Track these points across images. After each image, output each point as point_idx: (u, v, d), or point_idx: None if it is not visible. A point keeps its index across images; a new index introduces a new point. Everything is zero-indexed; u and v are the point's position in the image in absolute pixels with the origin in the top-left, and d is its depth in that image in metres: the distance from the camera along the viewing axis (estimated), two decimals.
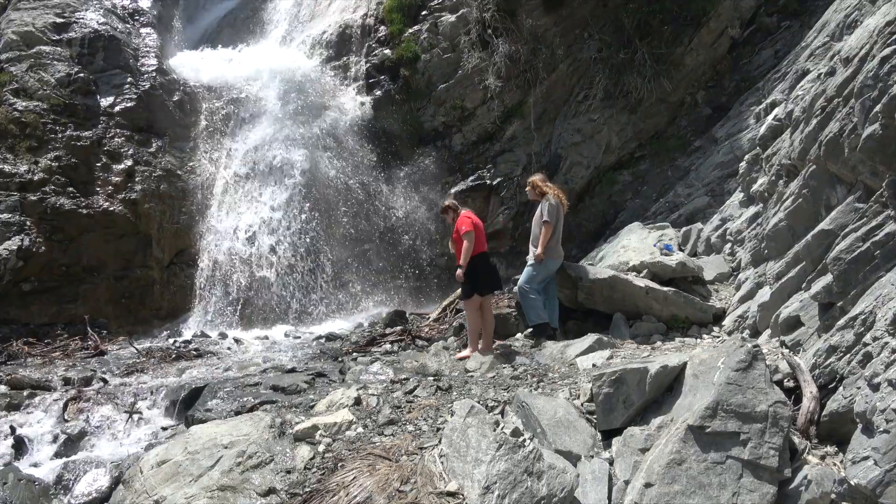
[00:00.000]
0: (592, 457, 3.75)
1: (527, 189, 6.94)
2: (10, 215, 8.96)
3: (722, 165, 9.46)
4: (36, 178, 9.36)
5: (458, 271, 6.23)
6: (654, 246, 7.57)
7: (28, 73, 10.16)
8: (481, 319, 6.42)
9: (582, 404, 4.30)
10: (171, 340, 8.81)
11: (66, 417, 5.45)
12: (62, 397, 5.72)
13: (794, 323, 4.56)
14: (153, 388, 5.92)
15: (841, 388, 3.53)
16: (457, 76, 12.22)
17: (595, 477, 3.53)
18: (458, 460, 3.65)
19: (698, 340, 5.87)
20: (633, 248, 7.69)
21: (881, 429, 2.94)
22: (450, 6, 12.69)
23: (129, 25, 11.92)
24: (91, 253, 9.50)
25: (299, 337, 9.11)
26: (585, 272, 6.77)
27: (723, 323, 6.28)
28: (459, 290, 7.18)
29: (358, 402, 4.86)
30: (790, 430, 3.44)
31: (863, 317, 3.57)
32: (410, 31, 12.59)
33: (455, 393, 5.02)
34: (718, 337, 5.97)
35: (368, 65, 12.63)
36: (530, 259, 6.65)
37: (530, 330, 6.63)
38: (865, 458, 2.96)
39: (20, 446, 4.97)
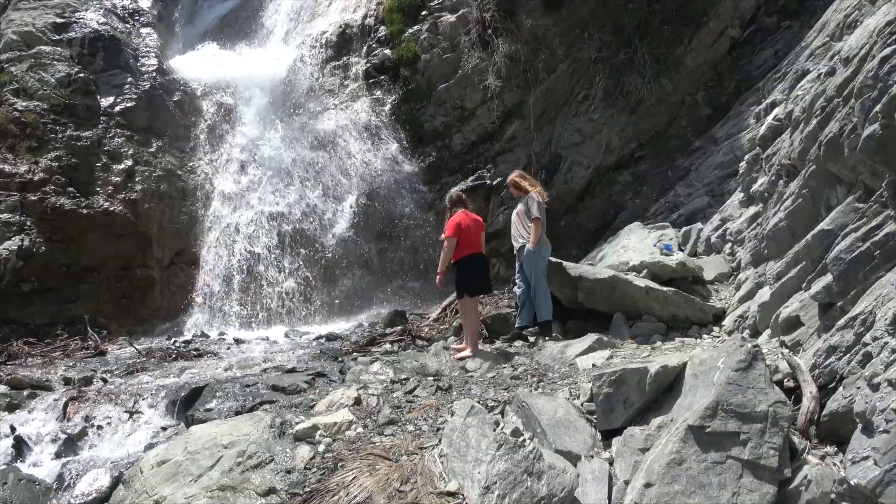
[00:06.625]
0: (592, 457, 3.75)
1: (510, 189, 7.23)
2: (10, 215, 8.95)
3: (722, 165, 9.45)
4: (36, 178, 9.35)
5: (437, 278, 6.43)
6: (654, 246, 7.57)
7: (28, 73, 10.16)
8: (476, 319, 6.47)
9: (582, 404, 4.30)
10: (171, 340, 8.80)
11: (66, 417, 5.44)
12: (62, 397, 5.71)
13: (794, 323, 4.56)
14: (153, 388, 5.92)
15: (841, 388, 3.53)
16: (457, 76, 12.20)
17: (595, 477, 3.53)
18: (458, 460, 3.65)
19: (698, 340, 5.87)
20: (633, 248, 7.69)
21: (881, 429, 2.94)
22: (450, 6, 12.68)
23: (129, 25, 11.91)
24: (91, 253, 9.49)
25: (299, 337, 9.10)
26: (585, 272, 6.77)
27: (723, 323, 6.27)
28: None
29: (358, 402, 4.86)
30: (790, 430, 3.44)
31: (863, 317, 3.57)
32: (410, 31, 12.57)
33: (455, 393, 5.02)
34: (718, 337, 5.96)
35: (368, 65, 12.62)
36: (522, 248, 6.74)
37: (536, 328, 6.65)
38: (865, 458, 2.96)
39: (20, 446, 4.96)
